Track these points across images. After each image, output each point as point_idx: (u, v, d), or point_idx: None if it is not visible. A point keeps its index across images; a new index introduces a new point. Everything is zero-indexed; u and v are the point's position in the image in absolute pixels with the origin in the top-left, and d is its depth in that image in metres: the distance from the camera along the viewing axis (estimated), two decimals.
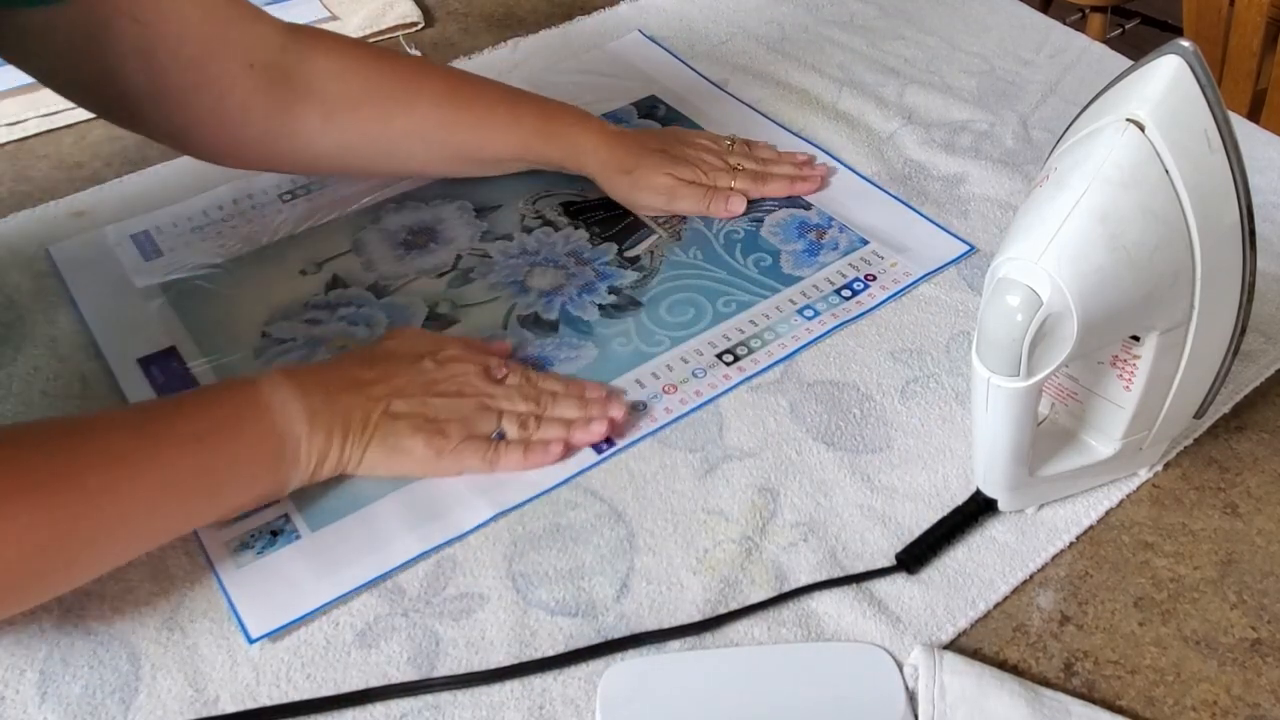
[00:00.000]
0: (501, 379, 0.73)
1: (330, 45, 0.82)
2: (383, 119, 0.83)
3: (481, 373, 0.73)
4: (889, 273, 0.84)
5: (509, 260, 0.86)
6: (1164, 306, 0.60)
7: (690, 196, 0.88)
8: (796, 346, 0.78)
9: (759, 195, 0.90)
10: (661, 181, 0.87)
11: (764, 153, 0.93)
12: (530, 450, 0.70)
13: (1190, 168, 0.57)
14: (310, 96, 0.80)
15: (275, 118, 0.79)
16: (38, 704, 0.60)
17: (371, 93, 0.82)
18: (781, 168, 0.92)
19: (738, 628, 0.63)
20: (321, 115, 0.80)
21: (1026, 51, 1.08)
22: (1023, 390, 0.59)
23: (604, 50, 1.09)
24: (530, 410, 0.72)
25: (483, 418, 0.70)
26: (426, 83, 0.85)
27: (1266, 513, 0.69)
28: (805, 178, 0.91)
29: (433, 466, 0.69)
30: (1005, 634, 0.63)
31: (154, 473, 0.61)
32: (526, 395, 0.72)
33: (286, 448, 0.65)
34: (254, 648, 0.62)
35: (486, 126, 0.86)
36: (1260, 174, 0.91)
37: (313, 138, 0.81)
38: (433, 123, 0.85)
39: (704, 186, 0.88)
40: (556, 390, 0.73)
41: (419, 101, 0.84)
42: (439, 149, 0.86)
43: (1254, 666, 0.62)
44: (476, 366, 0.73)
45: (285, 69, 0.78)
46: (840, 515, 0.68)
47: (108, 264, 0.85)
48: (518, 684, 0.61)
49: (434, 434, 0.68)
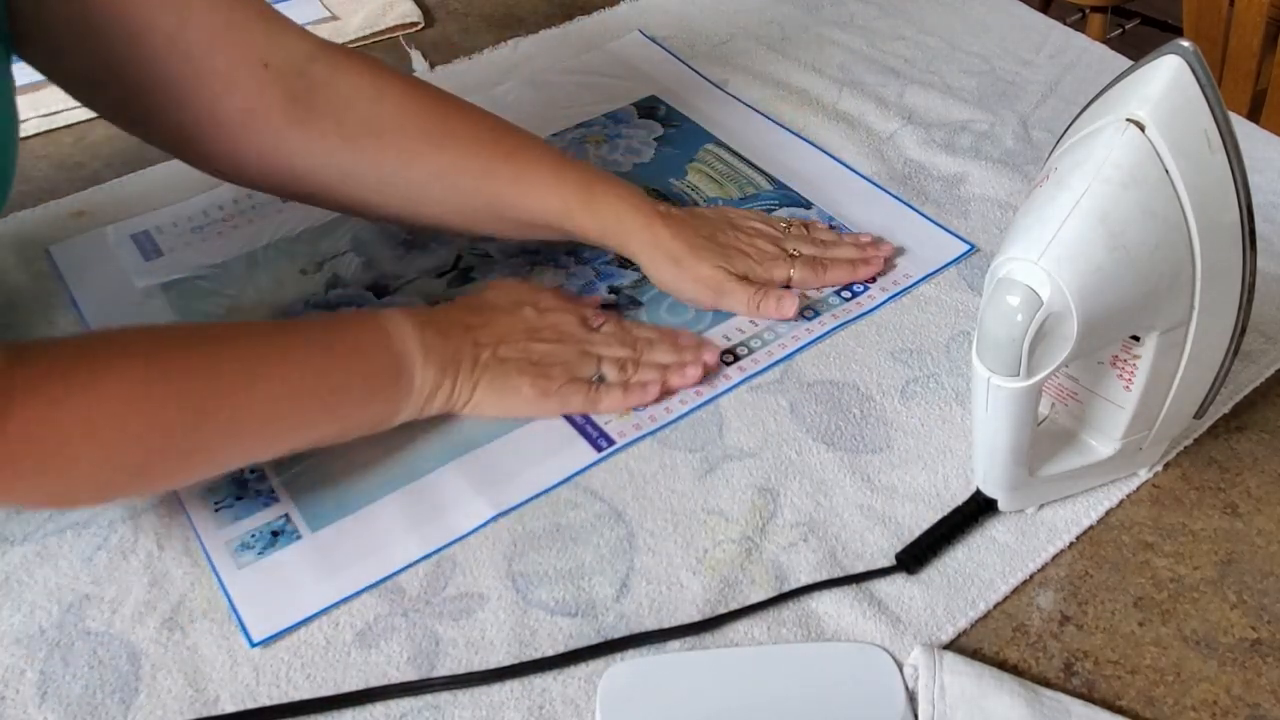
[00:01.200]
0: (598, 326, 0.76)
1: (364, 67, 0.77)
2: (408, 154, 0.77)
3: (579, 321, 0.76)
4: (889, 274, 0.84)
5: (509, 260, 0.86)
6: (1164, 306, 0.60)
7: (739, 294, 0.79)
8: (796, 347, 0.78)
9: (818, 285, 0.82)
10: (710, 275, 0.79)
11: (823, 234, 0.86)
12: (630, 391, 0.73)
13: (1190, 168, 0.57)
14: (331, 115, 0.74)
15: (287, 130, 0.74)
16: (38, 704, 0.60)
17: (402, 124, 0.76)
18: (842, 250, 0.84)
19: (738, 628, 0.63)
20: (340, 137, 0.75)
21: (1026, 52, 1.08)
22: (1023, 390, 0.59)
23: (604, 50, 1.09)
24: (628, 355, 0.75)
25: (583, 361, 0.74)
26: (463, 124, 0.79)
27: (1266, 513, 0.69)
28: (868, 260, 0.83)
29: (539, 406, 0.72)
30: (1005, 634, 0.63)
31: (283, 370, 0.65)
32: (623, 341, 0.76)
33: (403, 372, 0.68)
34: (255, 648, 0.62)
35: (525, 183, 0.79)
36: (1260, 174, 0.91)
37: (324, 160, 0.75)
38: (464, 169, 0.78)
39: (754, 285, 0.80)
40: (651, 337, 0.76)
41: (451, 143, 0.78)
42: (466, 199, 0.79)
43: (1254, 666, 0.61)
44: (574, 315, 0.76)
45: (310, 80, 0.74)
46: (840, 515, 0.68)
47: (108, 264, 0.85)
48: (518, 684, 0.61)
49: (539, 376, 0.72)
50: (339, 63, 0.76)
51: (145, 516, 0.68)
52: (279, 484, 0.70)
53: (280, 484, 0.70)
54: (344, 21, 1.12)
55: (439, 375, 0.70)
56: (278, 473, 0.70)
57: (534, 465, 0.71)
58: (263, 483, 0.70)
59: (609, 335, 0.76)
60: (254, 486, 0.70)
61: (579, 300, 0.80)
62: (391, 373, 0.68)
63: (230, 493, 0.69)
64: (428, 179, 0.78)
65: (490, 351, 0.72)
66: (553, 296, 0.78)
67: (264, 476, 0.70)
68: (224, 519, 0.68)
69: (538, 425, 0.73)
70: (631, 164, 0.95)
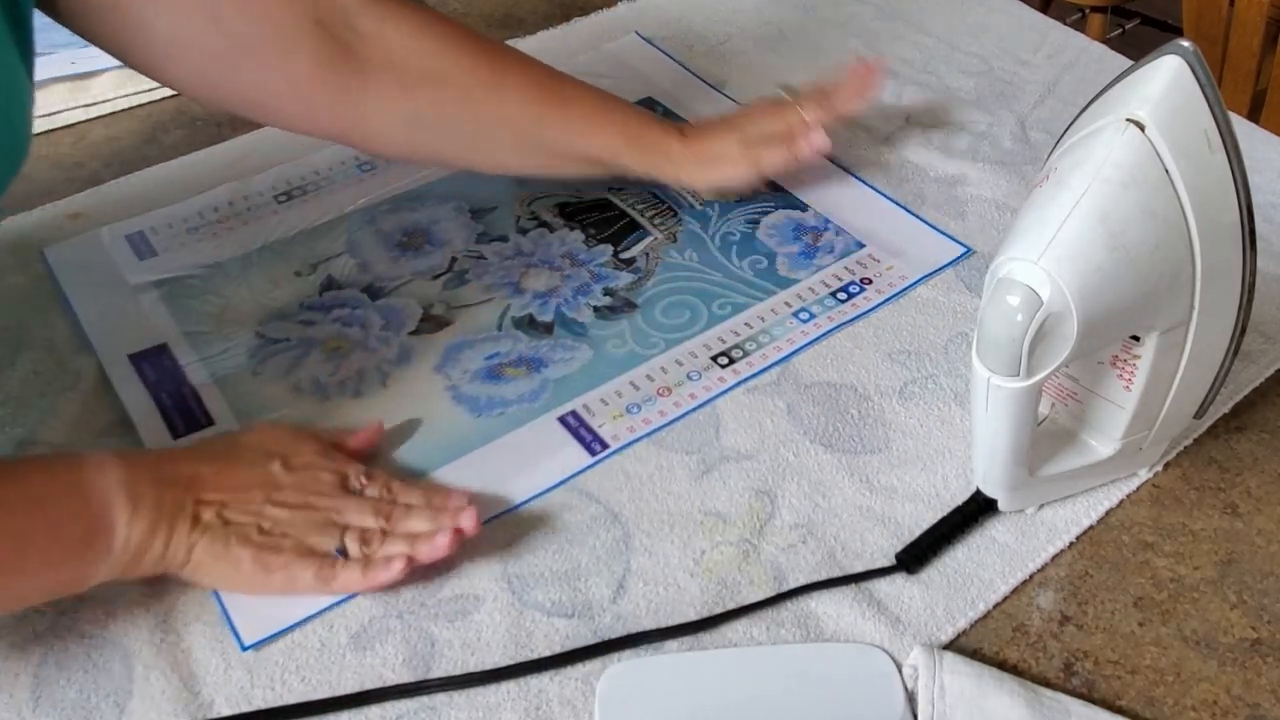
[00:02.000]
0: (360, 490, 0.67)
1: (412, 16, 0.78)
2: (467, 102, 0.80)
3: (336, 482, 0.66)
4: (885, 276, 0.84)
5: (504, 261, 0.85)
6: (1164, 306, 0.60)
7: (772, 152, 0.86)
8: (792, 349, 0.78)
9: (831, 117, 0.87)
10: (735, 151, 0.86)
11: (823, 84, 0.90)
12: (371, 568, 0.63)
13: (1190, 168, 0.57)
14: (386, 67, 0.76)
15: (345, 85, 0.76)
16: (32, 708, 0.59)
17: (457, 72, 0.79)
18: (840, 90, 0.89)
19: (736, 628, 0.63)
20: (399, 88, 0.77)
21: (1024, 52, 1.08)
22: (1023, 390, 0.59)
23: (601, 51, 1.08)
24: (376, 526, 0.65)
25: (322, 533, 0.64)
26: (515, 71, 0.82)
27: (1266, 513, 0.69)
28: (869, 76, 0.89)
29: (261, 582, 0.63)
30: (1005, 634, 0.63)
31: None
32: (377, 510, 0.65)
33: (102, 528, 0.59)
34: (248, 651, 0.62)
35: (575, 126, 0.83)
36: (1260, 174, 0.91)
37: (386, 111, 0.78)
38: (520, 114, 0.81)
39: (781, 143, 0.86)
40: (412, 503, 0.67)
41: (507, 89, 0.81)
42: (523, 142, 0.83)
43: (1254, 666, 0.61)
44: (332, 475, 0.67)
45: (360, 33, 0.75)
46: (839, 516, 0.68)
47: (103, 265, 0.85)
48: (514, 685, 0.60)
49: (263, 548, 0.62)
50: (386, 14, 0.77)
51: None
52: None
53: None
54: None
55: (147, 533, 0.60)
56: None
57: (528, 469, 0.70)
58: None
59: (365, 502, 0.66)
60: None
61: (348, 457, 0.69)
62: (88, 529, 0.59)
63: None
64: (490, 125, 0.81)
65: (214, 511, 0.62)
66: (314, 451, 0.68)
67: None
68: None
69: (531, 429, 0.73)
70: None
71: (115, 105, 1.01)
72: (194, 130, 0.98)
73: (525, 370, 0.77)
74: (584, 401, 0.75)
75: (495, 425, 0.73)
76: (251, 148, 0.95)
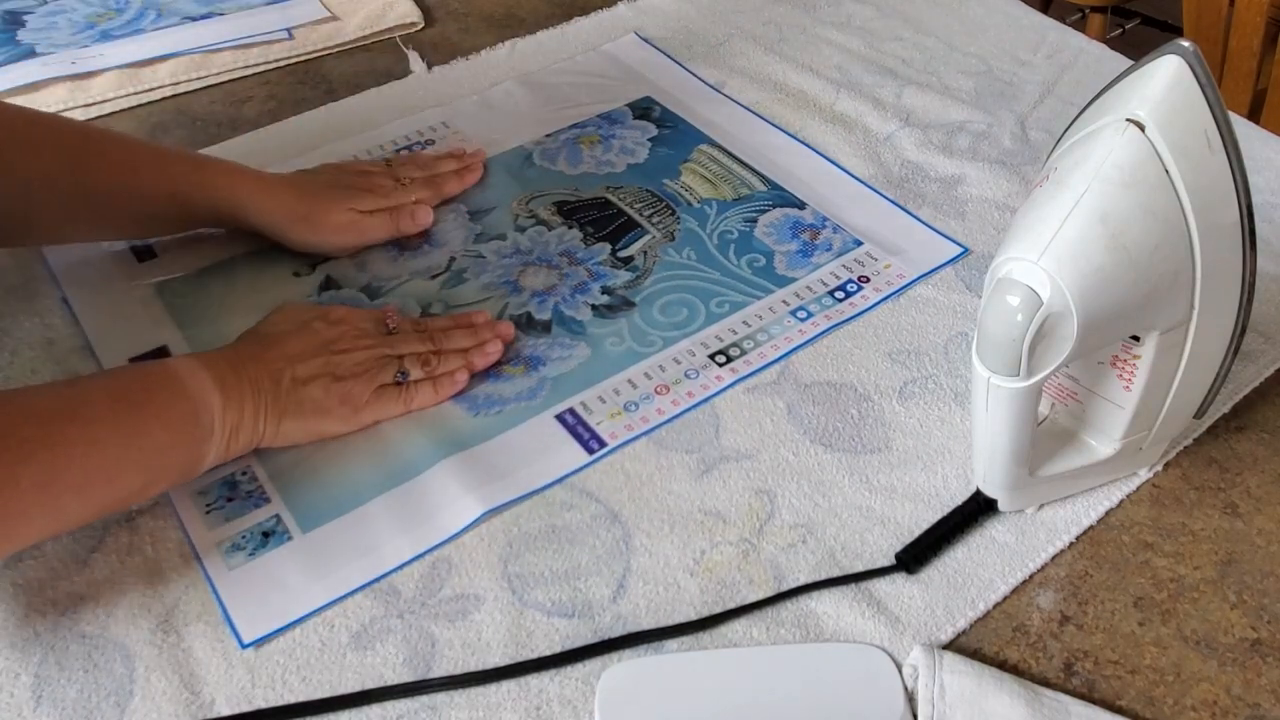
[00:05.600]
0: (393, 327, 0.75)
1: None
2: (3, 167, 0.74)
3: (374, 325, 0.75)
4: (882, 274, 0.84)
5: (502, 260, 0.85)
6: (1164, 306, 0.60)
7: (377, 224, 0.85)
8: (789, 348, 0.78)
9: (439, 199, 0.89)
10: (345, 219, 0.83)
11: (423, 159, 0.92)
12: (440, 383, 0.73)
13: (1190, 168, 0.57)
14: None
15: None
16: (33, 707, 0.59)
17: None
18: (446, 164, 0.91)
19: (736, 628, 0.63)
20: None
21: (1024, 52, 1.08)
22: (1023, 390, 0.59)
23: (599, 52, 1.08)
24: (428, 348, 0.74)
25: (386, 365, 0.72)
26: (55, 128, 0.78)
27: (1266, 513, 0.69)
28: (470, 167, 0.92)
29: (354, 420, 0.71)
30: (1005, 634, 0.63)
31: (81, 428, 0.61)
32: (421, 337, 0.75)
33: (202, 414, 0.65)
34: (249, 650, 0.62)
35: (128, 171, 0.78)
36: (1260, 174, 0.91)
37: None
38: (63, 167, 0.76)
39: (386, 211, 0.85)
40: (445, 325, 0.76)
41: (45, 147, 0.76)
42: (74, 200, 0.77)
43: (1254, 666, 0.61)
44: (368, 321, 0.75)
45: None
46: (839, 516, 0.68)
47: (102, 265, 0.85)
48: (514, 684, 0.60)
49: (344, 389, 0.70)
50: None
51: (141, 519, 0.68)
52: (270, 485, 0.69)
53: (272, 485, 0.69)
54: (344, 22, 1.11)
55: (238, 413, 0.67)
56: (269, 473, 0.70)
57: (525, 466, 0.70)
58: (254, 483, 0.69)
59: (406, 334, 0.75)
60: (245, 487, 0.69)
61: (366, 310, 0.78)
62: (190, 417, 0.65)
63: (221, 494, 0.69)
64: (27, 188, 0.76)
65: (288, 376, 0.69)
66: (341, 308, 0.76)
67: (255, 477, 0.70)
68: (215, 520, 0.68)
69: (529, 426, 0.73)
70: (625, 164, 0.94)
71: (115, 105, 1.01)
72: (194, 130, 0.98)
73: (523, 368, 0.77)
74: (582, 399, 0.75)
75: (493, 423, 0.73)
76: (251, 148, 0.95)
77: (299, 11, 1.12)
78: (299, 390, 0.69)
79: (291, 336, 0.72)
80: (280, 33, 1.09)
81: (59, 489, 0.59)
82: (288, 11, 1.12)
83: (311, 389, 0.69)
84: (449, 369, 0.74)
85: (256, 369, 0.68)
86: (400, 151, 0.95)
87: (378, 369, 0.72)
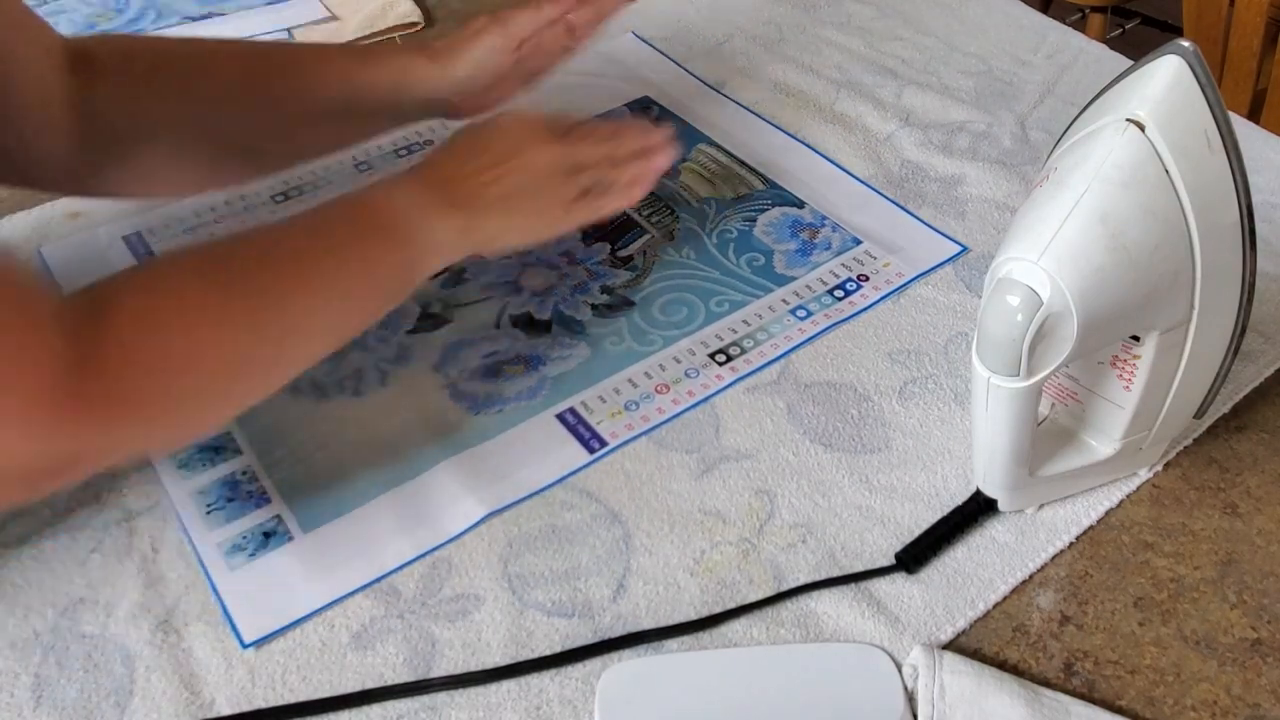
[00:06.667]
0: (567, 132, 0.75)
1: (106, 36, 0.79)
2: (183, 88, 0.76)
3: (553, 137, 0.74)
4: (882, 273, 0.84)
5: (502, 260, 0.85)
6: (1164, 306, 0.60)
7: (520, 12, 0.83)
8: (789, 347, 0.78)
9: None
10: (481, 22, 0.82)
11: None
12: (628, 186, 0.76)
13: (1190, 168, 0.57)
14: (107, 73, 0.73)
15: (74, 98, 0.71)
16: (33, 708, 0.59)
17: (166, 62, 0.77)
18: None
19: (736, 628, 0.63)
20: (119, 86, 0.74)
21: (1024, 52, 1.08)
22: (1023, 390, 0.59)
23: (598, 52, 1.08)
24: (606, 154, 0.75)
25: (578, 174, 0.73)
26: (222, 49, 0.81)
27: (1266, 513, 0.69)
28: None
29: (563, 221, 0.74)
30: (1005, 634, 0.63)
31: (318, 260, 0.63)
32: (597, 143, 0.75)
33: (410, 226, 0.67)
34: (249, 650, 0.62)
35: (295, 69, 0.79)
36: (1260, 174, 0.91)
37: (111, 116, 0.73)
38: (239, 80, 0.78)
39: None
40: (612, 130, 0.77)
41: (218, 64, 0.78)
42: (254, 107, 0.78)
43: (1254, 666, 0.61)
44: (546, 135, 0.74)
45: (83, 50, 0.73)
46: (839, 516, 0.68)
47: (99, 265, 0.85)
48: (515, 684, 0.60)
49: (554, 196, 0.72)
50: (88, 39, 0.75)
51: (140, 519, 0.68)
52: (271, 485, 0.69)
53: (272, 485, 0.69)
54: (344, 22, 1.11)
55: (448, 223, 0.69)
56: (270, 474, 0.70)
57: (526, 466, 0.70)
58: (254, 483, 0.69)
59: (584, 144, 0.75)
60: (245, 487, 0.69)
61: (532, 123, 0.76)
62: (397, 226, 0.67)
63: (222, 494, 0.69)
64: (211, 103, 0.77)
65: (493, 188, 0.70)
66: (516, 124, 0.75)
67: (255, 477, 0.70)
68: (215, 520, 0.68)
69: (530, 426, 0.73)
70: None
71: None
72: None
73: (523, 368, 0.77)
74: (582, 399, 0.75)
75: (493, 423, 0.73)
76: None
77: (299, 12, 1.12)
78: (505, 199, 0.71)
79: (481, 152, 0.72)
80: (280, 33, 1.09)
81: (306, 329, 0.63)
82: (287, 12, 1.12)
83: (520, 194, 0.71)
84: (635, 173, 0.76)
85: (456, 189, 0.70)
86: (400, 152, 0.95)
87: (573, 176, 0.73)
